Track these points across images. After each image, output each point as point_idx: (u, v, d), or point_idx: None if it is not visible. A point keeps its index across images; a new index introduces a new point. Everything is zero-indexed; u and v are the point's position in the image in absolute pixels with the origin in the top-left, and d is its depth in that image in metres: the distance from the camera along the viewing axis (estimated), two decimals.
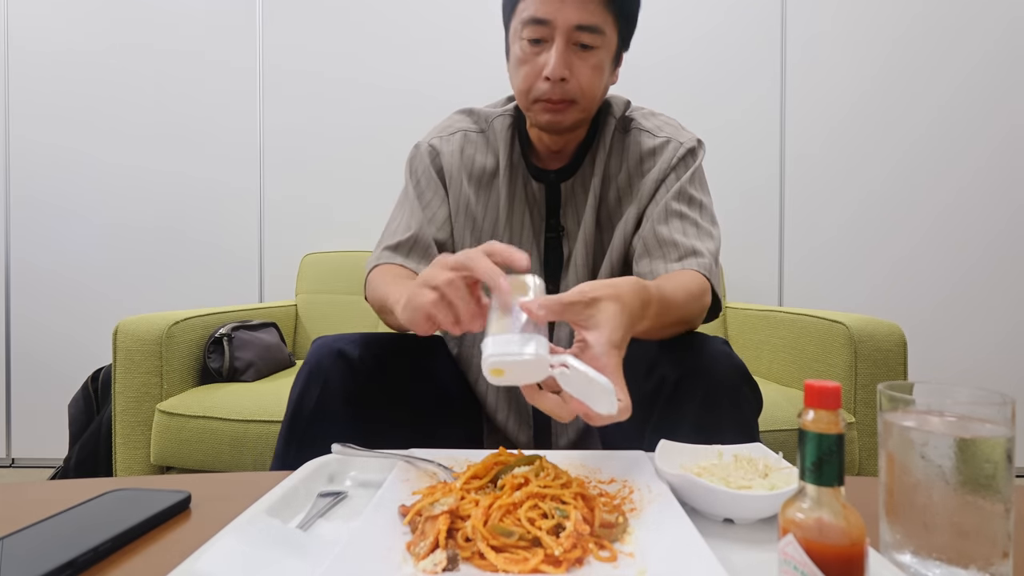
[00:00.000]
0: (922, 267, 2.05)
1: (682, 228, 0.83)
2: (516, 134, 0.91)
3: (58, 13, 2.17)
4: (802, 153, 2.08)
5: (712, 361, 0.69)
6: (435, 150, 0.93)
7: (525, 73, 0.81)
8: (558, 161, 0.91)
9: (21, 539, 0.45)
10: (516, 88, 0.84)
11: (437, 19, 2.13)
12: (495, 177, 0.91)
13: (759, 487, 0.50)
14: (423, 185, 0.92)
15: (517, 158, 0.91)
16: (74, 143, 2.18)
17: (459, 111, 0.97)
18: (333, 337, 0.76)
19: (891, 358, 1.25)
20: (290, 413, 0.73)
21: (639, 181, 0.88)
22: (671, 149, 0.88)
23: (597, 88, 0.82)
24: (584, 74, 0.80)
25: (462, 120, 0.96)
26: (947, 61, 2.03)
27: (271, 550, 0.42)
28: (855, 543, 0.31)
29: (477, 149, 0.92)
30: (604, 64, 0.82)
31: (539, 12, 0.78)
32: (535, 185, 0.90)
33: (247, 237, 2.18)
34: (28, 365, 2.19)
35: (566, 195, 0.90)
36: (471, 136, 0.93)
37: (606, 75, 0.84)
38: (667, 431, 0.63)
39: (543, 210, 0.90)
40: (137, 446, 1.35)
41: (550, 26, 0.77)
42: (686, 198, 0.85)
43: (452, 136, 0.94)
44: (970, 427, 0.41)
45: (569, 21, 0.77)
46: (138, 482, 0.60)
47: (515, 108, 0.92)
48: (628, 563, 0.41)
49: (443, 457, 0.60)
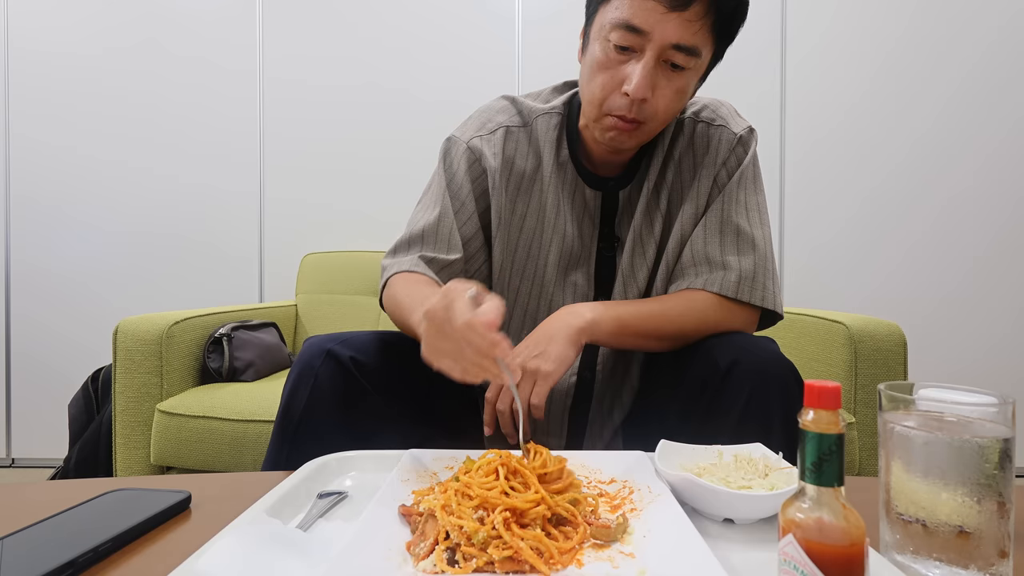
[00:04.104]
0: (922, 267, 2.05)
1: (719, 242, 0.79)
2: (563, 135, 0.84)
3: (58, 14, 2.17)
4: (802, 153, 2.08)
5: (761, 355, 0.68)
6: (475, 153, 0.84)
7: (603, 82, 0.73)
8: (613, 166, 0.84)
9: (21, 539, 0.45)
10: (587, 95, 0.76)
11: (437, 19, 2.13)
12: (536, 180, 0.84)
13: (759, 487, 0.50)
14: (458, 182, 0.84)
15: (564, 159, 0.84)
16: (75, 144, 2.18)
17: (501, 98, 0.89)
18: (323, 337, 0.75)
19: (891, 358, 1.25)
20: (281, 414, 0.72)
21: (695, 177, 0.83)
22: (725, 141, 0.82)
23: (674, 112, 0.76)
24: (665, 97, 0.73)
25: (504, 112, 0.87)
26: (947, 61, 2.03)
27: (271, 550, 0.42)
28: (855, 543, 0.31)
29: (519, 146, 0.84)
30: (690, 87, 0.75)
31: (636, 19, 0.68)
32: (589, 192, 0.84)
33: (247, 237, 2.18)
34: (28, 365, 2.19)
35: (623, 203, 0.84)
36: (513, 132, 0.85)
37: (688, 97, 0.77)
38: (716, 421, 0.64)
39: (597, 219, 0.84)
40: (137, 446, 1.35)
41: (645, 37, 0.69)
42: (733, 201, 0.81)
43: (493, 135, 0.85)
44: (970, 427, 0.41)
45: (667, 38, 0.68)
46: (138, 482, 0.61)
47: (563, 106, 0.85)
48: (628, 563, 0.41)
49: (444, 456, 0.60)
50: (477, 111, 0.89)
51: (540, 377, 0.70)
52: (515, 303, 0.87)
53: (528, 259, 0.85)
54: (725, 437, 0.62)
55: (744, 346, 0.69)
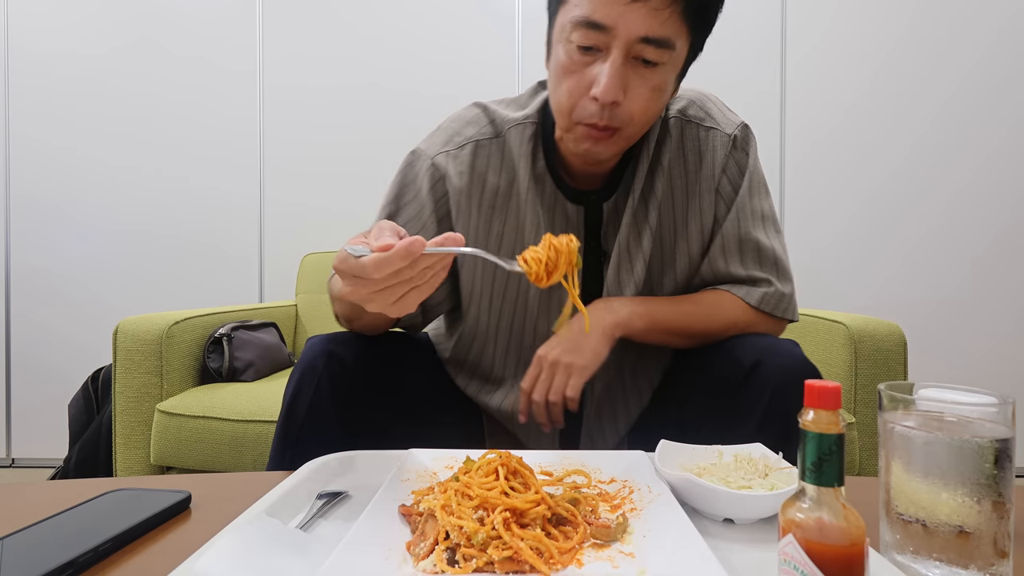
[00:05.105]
0: (922, 267, 2.05)
1: (740, 260, 0.78)
2: (538, 145, 0.78)
3: (58, 14, 2.17)
4: (802, 153, 2.08)
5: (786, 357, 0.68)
6: (439, 171, 0.78)
7: (569, 88, 0.67)
8: (595, 175, 0.78)
9: (21, 539, 0.45)
10: (555, 104, 0.70)
11: (437, 19, 2.13)
12: (512, 195, 0.78)
13: (759, 487, 0.50)
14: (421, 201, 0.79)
15: (541, 171, 0.78)
16: (75, 144, 2.17)
17: (472, 106, 0.82)
18: (325, 337, 0.74)
19: (891, 358, 1.25)
20: (284, 414, 0.71)
21: (693, 191, 0.78)
22: (720, 146, 0.77)
23: (654, 113, 0.69)
24: (640, 97, 0.66)
25: (473, 123, 0.80)
26: (947, 61, 2.03)
27: (271, 550, 0.42)
28: (855, 543, 0.31)
29: (491, 161, 0.78)
30: (667, 84, 0.68)
31: (597, 14, 0.62)
32: (571, 207, 0.78)
33: (247, 237, 2.18)
34: (28, 365, 2.19)
35: (608, 215, 0.79)
36: (484, 145, 0.79)
37: (667, 96, 0.70)
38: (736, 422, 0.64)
39: (581, 234, 0.79)
40: (137, 446, 1.35)
41: (609, 33, 0.63)
42: (748, 215, 0.78)
43: (461, 150, 0.79)
44: (970, 427, 0.41)
45: (634, 31, 0.62)
46: (138, 482, 0.61)
47: (537, 114, 0.79)
48: (628, 563, 0.41)
49: (444, 456, 0.60)
50: (446, 120, 0.83)
51: (575, 371, 0.71)
52: (498, 326, 0.83)
53: (509, 280, 0.80)
54: (744, 439, 0.61)
55: (768, 347, 0.69)
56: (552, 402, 0.72)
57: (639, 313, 0.75)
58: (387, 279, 0.50)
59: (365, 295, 0.52)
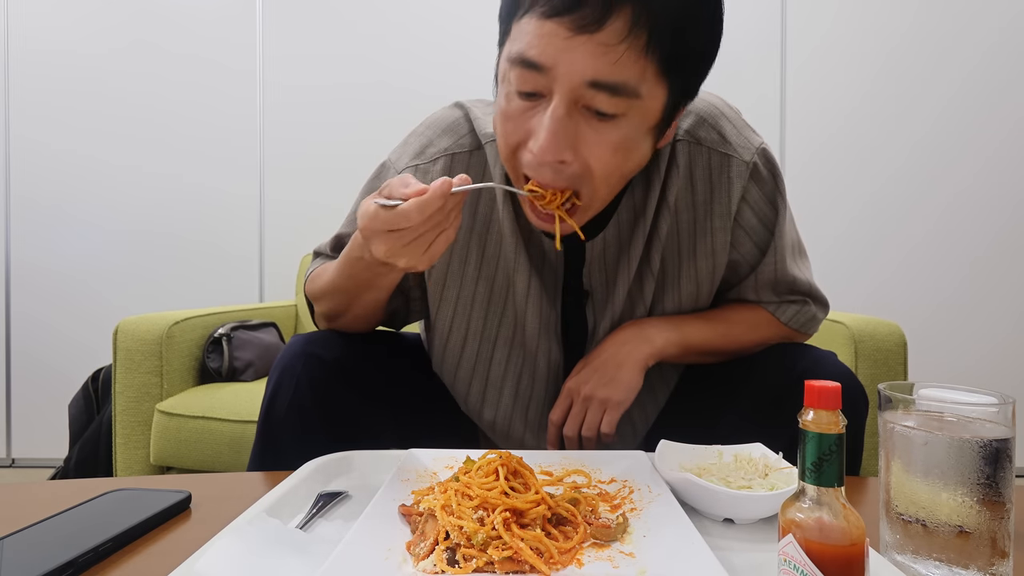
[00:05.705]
0: (922, 268, 2.05)
1: (773, 291, 0.76)
2: None
3: (58, 14, 2.17)
4: (802, 154, 2.08)
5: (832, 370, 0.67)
6: None
7: (507, 132, 0.57)
8: None
9: (21, 539, 0.45)
10: (499, 147, 0.60)
11: (437, 19, 2.13)
12: (490, 221, 0.71)
13: (759, 487, 0.50)
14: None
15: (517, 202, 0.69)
16: (75, 144, 2.17)
17: (453, 107, 0.76)
18: (305, 337, 0.71)
19: (891, 358, 1.25)
20: (262, 416, 0.69)
21: (706, 223, 0.69)
22: (737, 176, 0.68)
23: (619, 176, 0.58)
24: (597, 157, 0.54)
25: (450, 131, 0.73)
26: (947, 62, 2.03)
27: (271, 550, 0.42)
28: (855, 543, 0.31)
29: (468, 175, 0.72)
30: (634, 141, 0.56)
31: (532, 50, 0.51)
32: (548, 243, 0.70)
33: (247, 237, 2.18)
34: (28, 365, 2.19)
35: (593, 254, 0.70)
36: (460, 159, 0.71)
37: (641, 154, 0.58)
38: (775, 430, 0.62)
39: (559, 270, 0.72)
40: (137, 446, 1.35)
41: (548, 75, 0.52)
42: (786, 254, 0.73)
43: (433, 165, 0.71)
44: (970, 427, 0.41)
45: (578, 73, 0.50)
46: (138, 482, 0.60)
47: None
48: (628, 563, 0.41)
49: (444, 456, 0.60)
50: (423, 125, 0.77)
51: (610, 406, 0.69)
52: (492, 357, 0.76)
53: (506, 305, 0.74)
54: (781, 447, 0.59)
55: (817, 359, 0.68)
56: (586, 437, 0.70)
57: (674, 341, 0.72)
58: (426, 222, 0.51)
59: (399, 248, 0.53)
